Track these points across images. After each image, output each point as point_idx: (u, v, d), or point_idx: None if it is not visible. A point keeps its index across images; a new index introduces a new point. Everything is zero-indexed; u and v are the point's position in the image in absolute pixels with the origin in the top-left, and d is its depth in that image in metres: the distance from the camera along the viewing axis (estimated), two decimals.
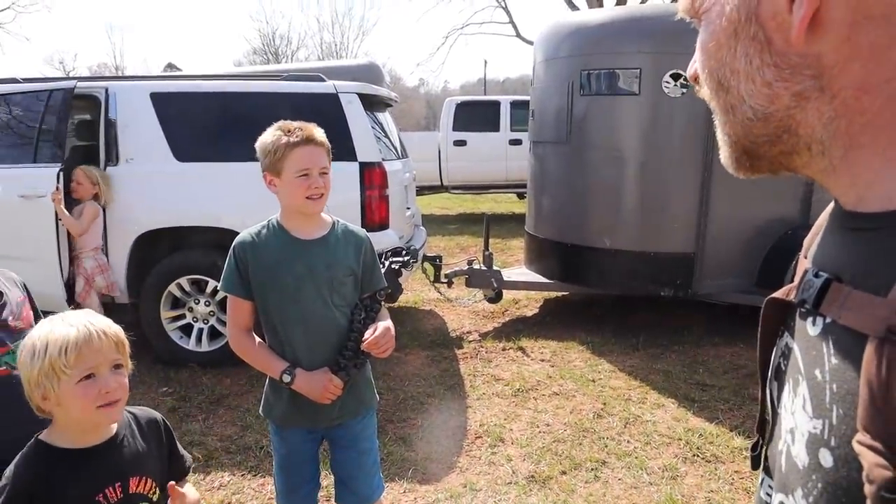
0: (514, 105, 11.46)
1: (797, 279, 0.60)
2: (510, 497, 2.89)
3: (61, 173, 4.08)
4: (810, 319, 0.55)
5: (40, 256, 4.09)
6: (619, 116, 4.90)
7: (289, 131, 1.79)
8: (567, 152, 5.17)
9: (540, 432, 3.50)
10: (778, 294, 0.61)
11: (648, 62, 4.68)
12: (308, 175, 1.79)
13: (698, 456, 3.24)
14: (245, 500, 2.87)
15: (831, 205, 0.59)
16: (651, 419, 3.63)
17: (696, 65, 0.61)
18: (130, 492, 1.34)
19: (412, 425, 3.57)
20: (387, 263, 2.50)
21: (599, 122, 4.98)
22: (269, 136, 1.82)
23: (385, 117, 5.20)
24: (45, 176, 4.05)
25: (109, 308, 4.14)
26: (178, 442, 1.53)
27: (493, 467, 3.15)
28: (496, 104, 11.83)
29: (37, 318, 1.73)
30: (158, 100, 4.26)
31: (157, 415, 1.50)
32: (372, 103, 4.68)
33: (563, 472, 3.09)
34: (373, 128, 4.44)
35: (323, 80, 4.34)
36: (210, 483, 3.00)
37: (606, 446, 3.34)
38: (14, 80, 4.53)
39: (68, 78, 5.36)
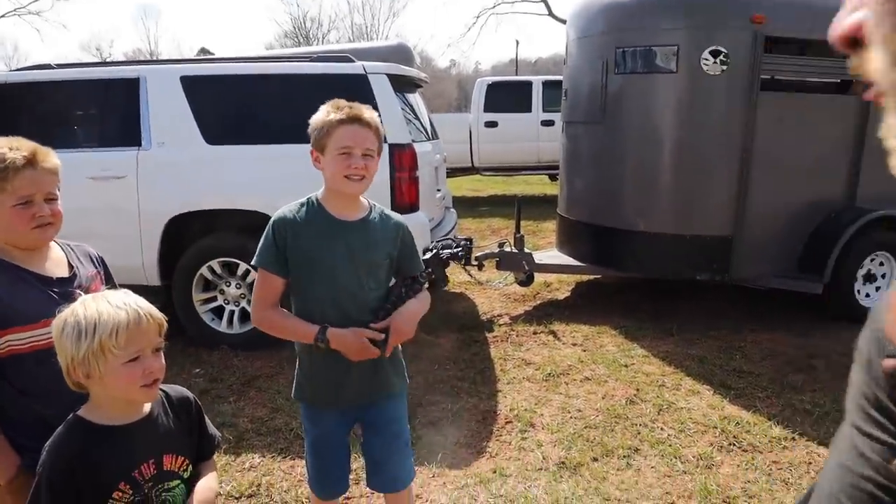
0: (547, 85, 11.29)
1: None
2: (540, 483, 2.85)
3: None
4: None
5: (116, 234, 4.18)
6: (656, 95, 4.75)
7: (338, 108, 1.78)
8: (601, 132, 5.06)
9: (571, 418, 3.44)
10: None
11: (686, 38, 4.52)
12: (349, 154, 1.76)
13: (735, 445, 3.15)
14: (275, 482, 2.88)
15: None
16: (685, 406, 3.55)
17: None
18: (164, 468, 1.37)
19: (442, 409, 3.54)
20: (439, 252, 2.47)
21: (635, 101, 4.85)
22: (319, 113, 1.79)
23: (415, 98, 5.14)
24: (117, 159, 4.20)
25: (138, 291, 4.20)
26: (207, 421, 1.54)
27: (524, 453, 3.11)
28: (528, 84, 11.67)
29: None
30: (188, 83, 4.26)
31: (189, 393, 1.51)
32: (402, 84, 4.62)
33: (595, 459, 3.04)
34: (402, 109, 4.38)
35: (352, 61, 4.29)
36: (241, 464, 3.02)
37: (639, 433, 3.27)
38: (48, 67, 4.58)
39: (103, 63, 5.40)
